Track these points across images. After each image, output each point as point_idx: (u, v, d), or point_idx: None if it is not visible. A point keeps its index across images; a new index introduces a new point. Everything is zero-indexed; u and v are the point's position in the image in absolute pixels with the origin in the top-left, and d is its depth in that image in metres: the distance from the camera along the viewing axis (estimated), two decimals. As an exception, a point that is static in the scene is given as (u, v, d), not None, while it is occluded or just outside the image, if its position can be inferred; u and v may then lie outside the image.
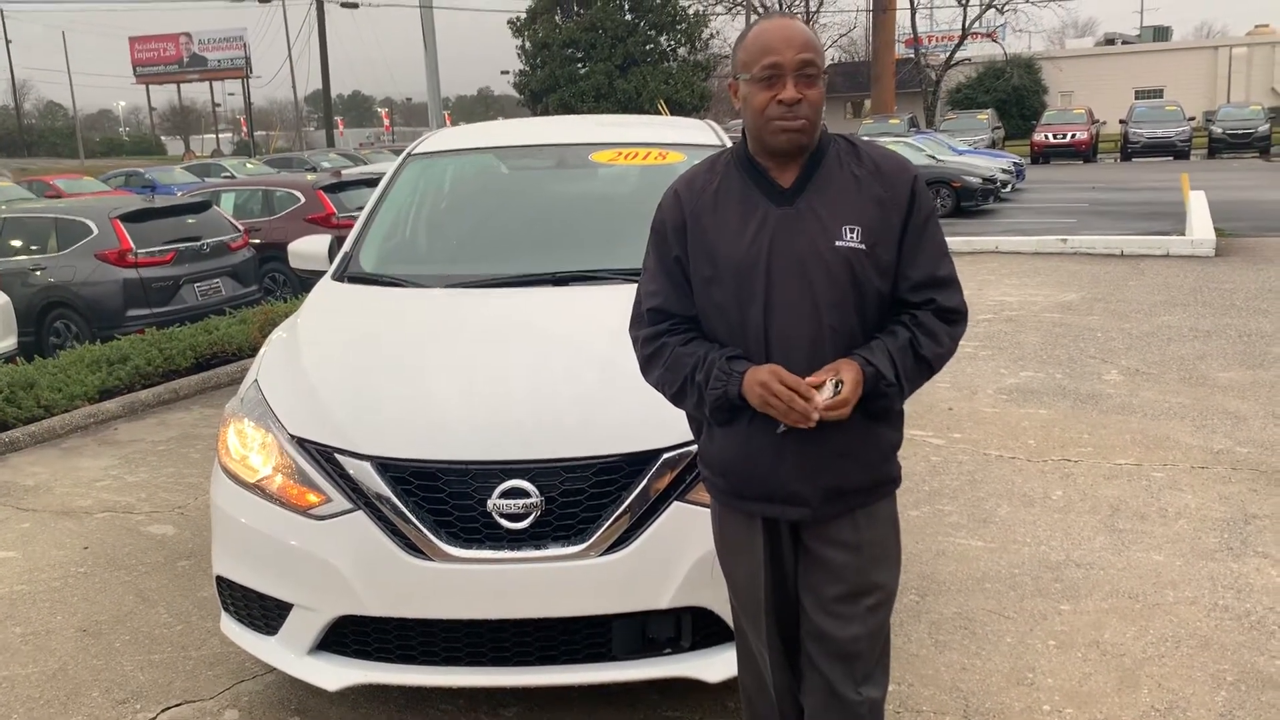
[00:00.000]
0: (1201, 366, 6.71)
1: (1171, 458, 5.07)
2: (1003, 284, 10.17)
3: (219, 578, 3.01)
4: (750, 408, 2.02)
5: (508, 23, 38.01)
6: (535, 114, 35.36)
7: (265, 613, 2.90)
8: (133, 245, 8.92)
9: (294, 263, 4.26)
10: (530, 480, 2.61)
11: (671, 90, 35.05)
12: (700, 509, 2.52)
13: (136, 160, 49.13)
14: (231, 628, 3.05)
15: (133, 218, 9.17)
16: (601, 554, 2.62)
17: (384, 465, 2.67)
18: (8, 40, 66.07)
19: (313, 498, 2.74)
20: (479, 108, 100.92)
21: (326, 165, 25.13)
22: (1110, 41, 52.60)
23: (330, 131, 46.93)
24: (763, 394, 1.96)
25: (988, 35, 42.08)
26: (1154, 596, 3.68)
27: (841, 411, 1.96)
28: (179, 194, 14.59)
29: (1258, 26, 48.19)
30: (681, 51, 37.78)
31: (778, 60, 1.98)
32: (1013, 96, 41.15)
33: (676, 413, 2.27)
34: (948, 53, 41.68)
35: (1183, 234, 12.45)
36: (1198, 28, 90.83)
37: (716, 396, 2.04)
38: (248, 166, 28.63)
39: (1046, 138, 30.08)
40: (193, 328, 7.97)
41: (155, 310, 8.89)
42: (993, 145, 28.57)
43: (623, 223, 3.92)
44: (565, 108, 35.23)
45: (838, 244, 2.01)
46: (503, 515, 2.61)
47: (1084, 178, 24.15)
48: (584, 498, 2.63)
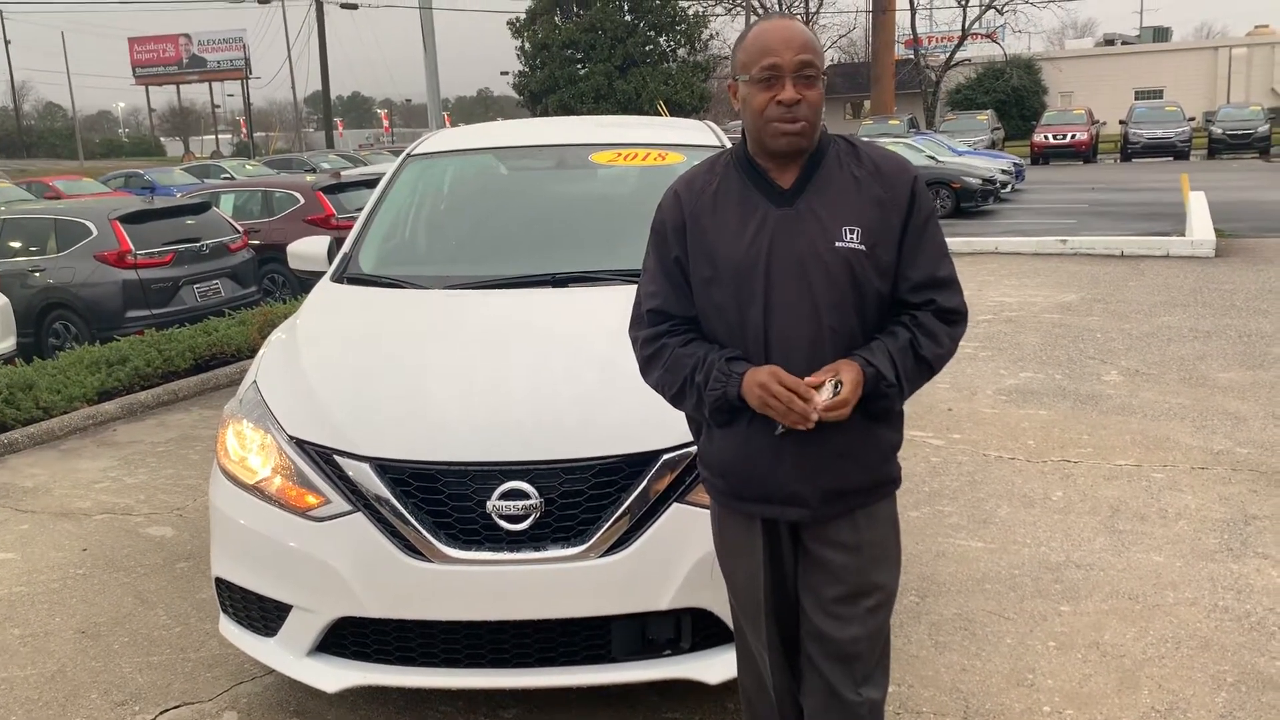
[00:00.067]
0: (1201, 367, 6.71)
1: (1171, 458, 5.07)
2: (1002, 285, 10.17)
3: (218, 579, 3.01)
4: (750, 409, 2.02)
5: (507, 24, 38.03)
6: (535, 115, 35.33)
7: (264, 614, 2.89)
8: (132, 246, 8.92)
9: (293, 264, 4.26)
10: (530, 481, 2.61)
11: (671, 91, 35.04)
12: (700, 510, 2.52)
13: (136, 161, 49.06)
14: (230, 629, 3.04)
15: (132, 219, 9.17)
16: (601, 555, 2.61)
17: (383, 466, 2.67)
18: (7, 41, 65.97)
19: (312, 499, 2.74)
20: (478, 109, 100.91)
21: (326, 166, 25.15)
22: (1110, 42, 52.63)
23: (330, 132, 46.94)
24: (762, 395, 1.96)
25: (987, 36, 42.03)
26: (1154, 597, 3.67)
27: (841, 412, 1.96)
28: (178, 195, 14.63)
29: (1258, 27, 48.23)
30: (681, 52, 37.77)
31: (777, 61, 1.98)
32: (1012, 97, 41.14)
33: (676, 414, 2.26)
34: (947, 53, 41.62)
35: (1183, 235, 12.45)
36: (1197, 28, 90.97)
37: (716, 397, 2.04)
38: (247, 168, 28.60)
39: (1046, 138, 30.08)
40: (192, 329, 7.97)
41: (154, 311, 8.88)
42: (992, 146, 28.54)
43: (622, 223, 3.92)
44: (565, 109, 35.22)
45: (837, 245, 2.01)
46: (502, 517, 2.60)
47: (1084, 178, 24.16)
48: (583, 499, 2.63)
